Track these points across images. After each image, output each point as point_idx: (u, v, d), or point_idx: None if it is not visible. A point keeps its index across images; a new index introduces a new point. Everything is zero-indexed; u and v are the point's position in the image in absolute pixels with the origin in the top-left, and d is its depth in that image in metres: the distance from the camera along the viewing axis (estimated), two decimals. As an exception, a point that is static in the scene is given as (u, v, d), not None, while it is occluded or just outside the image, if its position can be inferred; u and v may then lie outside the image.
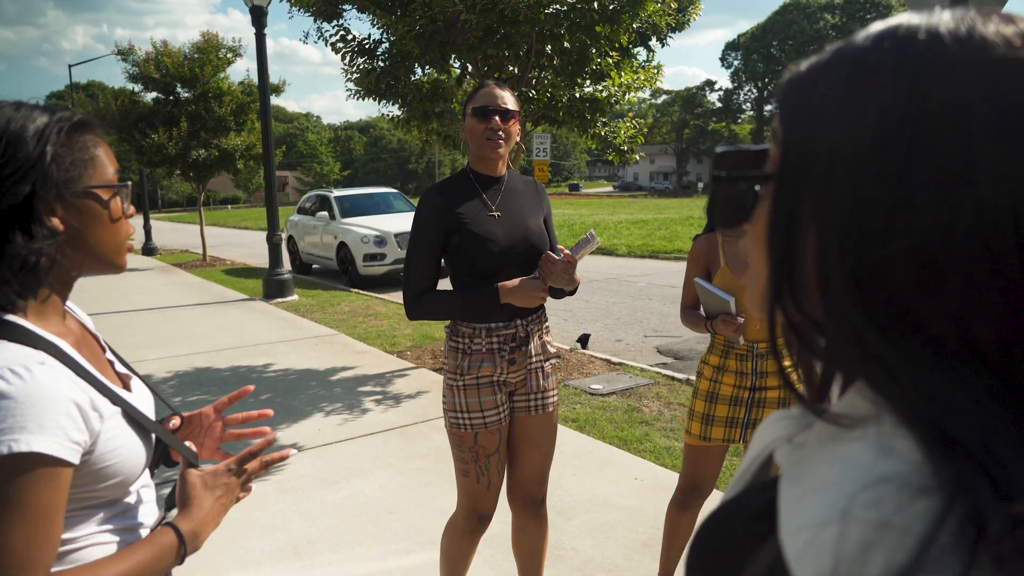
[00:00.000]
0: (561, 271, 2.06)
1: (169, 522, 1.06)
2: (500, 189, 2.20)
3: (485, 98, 2.11)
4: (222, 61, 14.10)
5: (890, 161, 0.38)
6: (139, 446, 1.09)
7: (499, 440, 2.17)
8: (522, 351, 2.16)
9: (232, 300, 10.00)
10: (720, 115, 70.37)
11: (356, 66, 6.34)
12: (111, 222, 1.07)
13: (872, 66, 0.40)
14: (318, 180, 62.49)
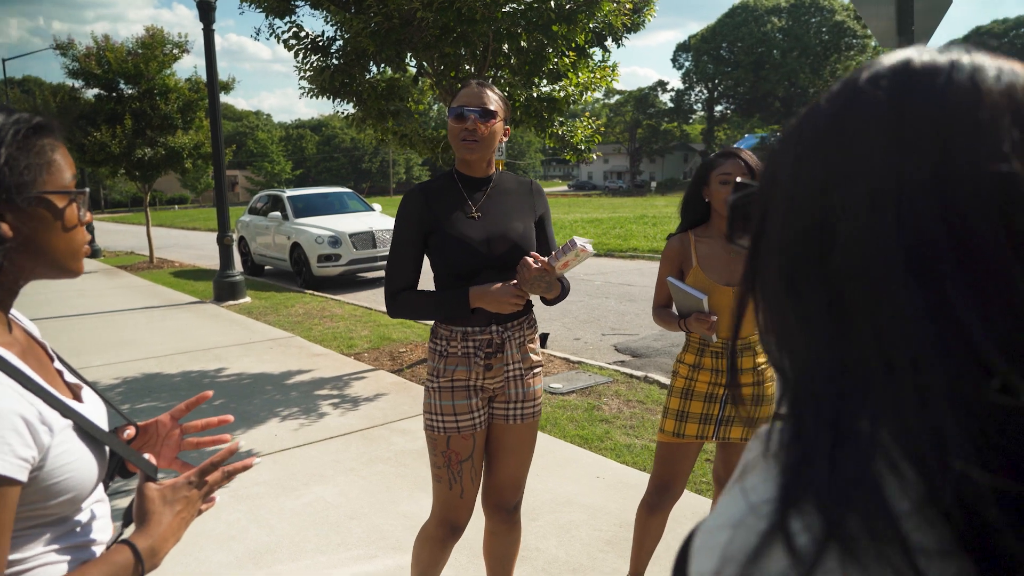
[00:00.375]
0: (537, 278, 2.00)
1: (125, 539, 1.01)
2: (486, 190, 2.16)
3: (464, 98, 2.08)
4: (168, 57, 13.70)
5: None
6: (92, 460, 1.04)
7: (472, 446, 2.14)
8: (498, 357, 2.13)
9: (181, 303, 9.72)
10: (672, 115, 71.41)
11: (309, 64, 6.22)
12: (65, 230, 1.03)
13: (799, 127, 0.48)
14: (269, 180, 61.31)
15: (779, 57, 64.36)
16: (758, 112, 69.40)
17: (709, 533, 0.42)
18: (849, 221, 0.40)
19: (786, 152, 0.47)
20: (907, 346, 0.37)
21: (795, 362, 0.44)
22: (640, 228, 18.87)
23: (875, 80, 0.43)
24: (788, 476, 0.39)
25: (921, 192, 0.38)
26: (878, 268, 0.39)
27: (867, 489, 0.37)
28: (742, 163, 2.22)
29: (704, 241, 2.34)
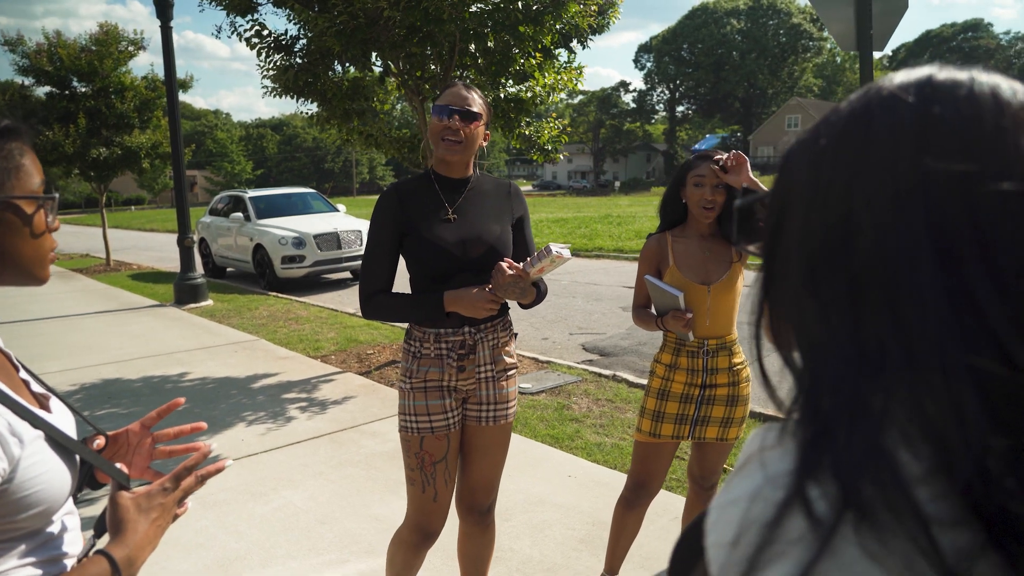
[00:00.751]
0: (510, 283, 2.00)
1: (101, 550, 0.99)
2: (463, 192, 2.14)
3: (449, 97, 2.07)
4: (123, 55, 13.37)
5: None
6: (63, 472, 1.01)
7: (447, 448, 2.12)
8: (470, 359, 2.12)
9: (141, 307, 9.50)
10: (635, 115, 72.09)
11: (272, 63, 6.13)
12: (33, 236, 1.01)
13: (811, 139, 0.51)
14: (229, 180, 60.17)
15: (738, 59, 65.46)
16: (719, 112, 70.49)
17: (725, 507, 0.44)
18: (875, 215, 0.43)
19: (805, 155, 0.49)
20: (930, 331, 0.39)
21: (812, 351, 0.46)
22: (605, 228, 19.01)
23: (902, 89, 0.46)
24: (806, 449, 0.41)
25: (947, 192, 0.41)
26: (903, 262, 0.41)
27: (881, 461, 0.39)
28: (716, 166, 2.26)
29: (681, 241, 2.37)
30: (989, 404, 0.37)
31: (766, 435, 0.55)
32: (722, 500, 0.45)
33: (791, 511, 0.39)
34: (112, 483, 1.08)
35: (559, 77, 6.07)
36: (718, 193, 2.26)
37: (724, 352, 2.37)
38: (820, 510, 0.39)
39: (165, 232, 26.47)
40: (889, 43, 3.76)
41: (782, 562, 0.38)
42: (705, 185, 2.27)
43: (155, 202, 62.34)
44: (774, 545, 0.39)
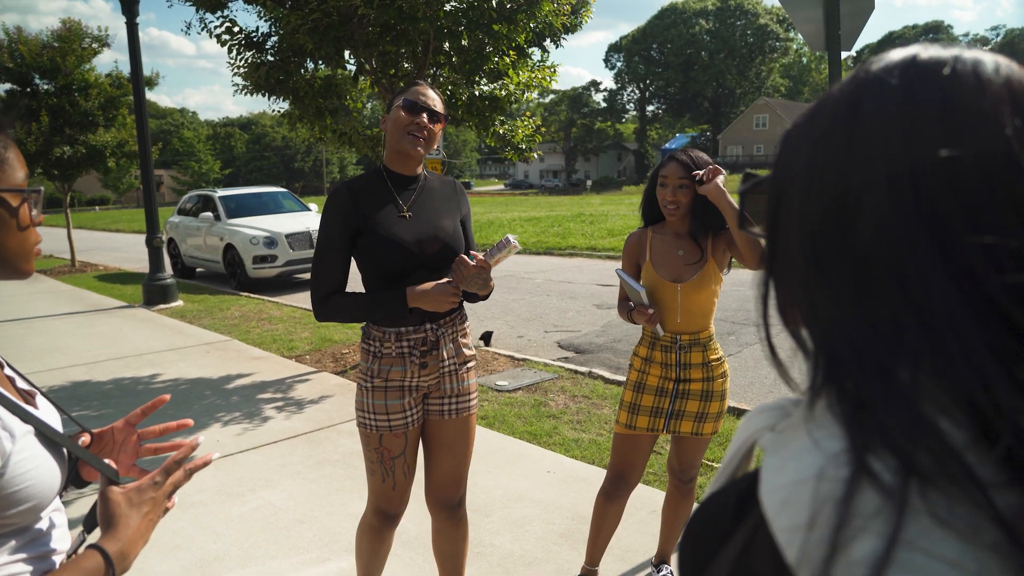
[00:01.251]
0: (474, 275, 2.03)
1: (94, 544, 0.98)
2: (415, 189, 2.15)
3: (416, 95, 2.09)
4: (87, 51, 13.09)
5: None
6: (53, 467, 1.01)
7: (404, 443, 2.15)
8: (433, 355, 2.13)
9: (109, 308, 9.32)
10: (605, 115, 72.52)
11: (244, 60, 6.07)
12: (19, 229, 1.01)
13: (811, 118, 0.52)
14: (197, 179, 59.15)
15: (707, 59, 66.21)
16: (688, 112, 71.20)
17: (788, 489, 0.43)
18: (870, 199, 0.44)
19: (801, 140, 0.51)
20: (939, 307, 0.41)
21: (827, 328, 0.47)
22: (578, 226, 19.10)
23: (887, 71, 0.47)
24: (851, 424, 0.42)
25: (933, 172, 0.42)
26: (903, 243, 0.43)
27: (927, 430, 0.40)
28: (679, 165, 2.30)
29: (659, 238, 2.42)
30: (1011, 371, 0.39)
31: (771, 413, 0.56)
32: (779, 481, 0.45)
33: (860, 486, 0.40)
34: (101, 479, 1.08)
35: (533, 75, 6.10)
36: (680, 193, 2.30)
37: (697, 348, 2.41)
38: (887, 480, 0.39)
39: (131, 232, 25.98)
40: (859, 43, 3.86)
41: (865, 537, 0.39)
42: (668, 185, 2.31)
43: (120, 202, 61.10)
44: (853, 521, 0.39)
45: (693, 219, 2.34)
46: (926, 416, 0.40)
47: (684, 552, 0.57)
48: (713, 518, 0.55)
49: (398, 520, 2.28)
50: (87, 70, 13.12)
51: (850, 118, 0.47)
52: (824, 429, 0.45)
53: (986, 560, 0.37)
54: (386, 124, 2.12)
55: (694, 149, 2.39)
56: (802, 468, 0.43)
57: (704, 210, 2.30)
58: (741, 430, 0.60)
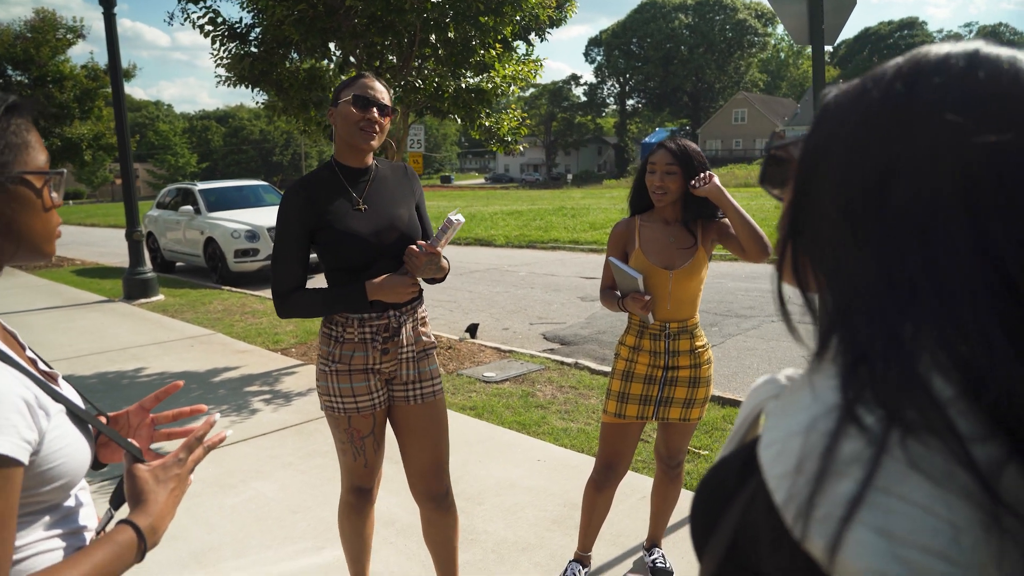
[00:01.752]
0: (426, 263, 2.09)
1: (126, 519, 1.02)
2: (368, 181, 2.18)
3: (365, 88, 2.10)
4: (61, 42, 12.95)
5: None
6: (84, 445, 1.04)
7: (373, 423, 2.21)
8: (394, 341, 2.16)
9: (89, 302, 9.21)
10: (586, 108, 72.62)
11: (227, 51, 6.02)
12: (43, 211, 1.03)
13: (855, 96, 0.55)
14: (173, 173, 58.42)
15: (686, 53, 66.52)
16: (668, 106, 71.53)
17: (780, 442, 0.48)
18: (914, 171, 0.48)
19: (849, 110, 0.54)
20: (958, 273, 0.45)
21: (846, 286, 0.51)
22: (560, 220, 19.16)
23: (949, 57, 0.51)
24: (847, 374, 0.46)
25: (981, 154, 0.46)
26: (936, 210, 0.47)
27: (917, 385, 0.43)
28: (668, 152, 2.35)
29: (648, 226, 2.45)
30: (1012, 336, 0.43)
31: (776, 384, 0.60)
32: (775, 436, 0.49)
33: (845, 436, 0.44)
34: (126, 456, 1.10)
35: (519, 69, 6.12)
36: (669, 180, 2.34)
37: (686, 335, 2.46)
38: (870, 424, 0.43)
39: (107, 227, 25.61)
40: (842, 36, 3.93)
41: (843, 480, 0.43)
42: (656, 172, 2.36)
43: (94, 196, 60.19)
44: (834, 466, 0.43)
45: (685, 207, 2.39)
46: (919, 371, 0.44)
47: (695, 513, 0.61)
48: (720, 480, 0.59)
49: (372, 495, 2.34)
50: (62, 61, 12.94)
51: (906, 95, 0.50)
52: (825, 380, 0.49)
53: (957, 505, 0.41)
54: (334, 118, 2.13)
55: (682, 138, 2.43)
56: (796, 422, 0.47)
57: (692, 195, 2.35)
58: (748, 400, 0.64)
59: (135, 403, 1.31)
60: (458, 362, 5.80)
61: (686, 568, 2.79)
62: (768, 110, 58.81)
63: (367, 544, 2.43)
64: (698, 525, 0.60)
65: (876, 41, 71.92)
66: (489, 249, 14.47)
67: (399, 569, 2.82)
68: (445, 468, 2.32)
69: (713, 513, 0.58)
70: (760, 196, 26.02)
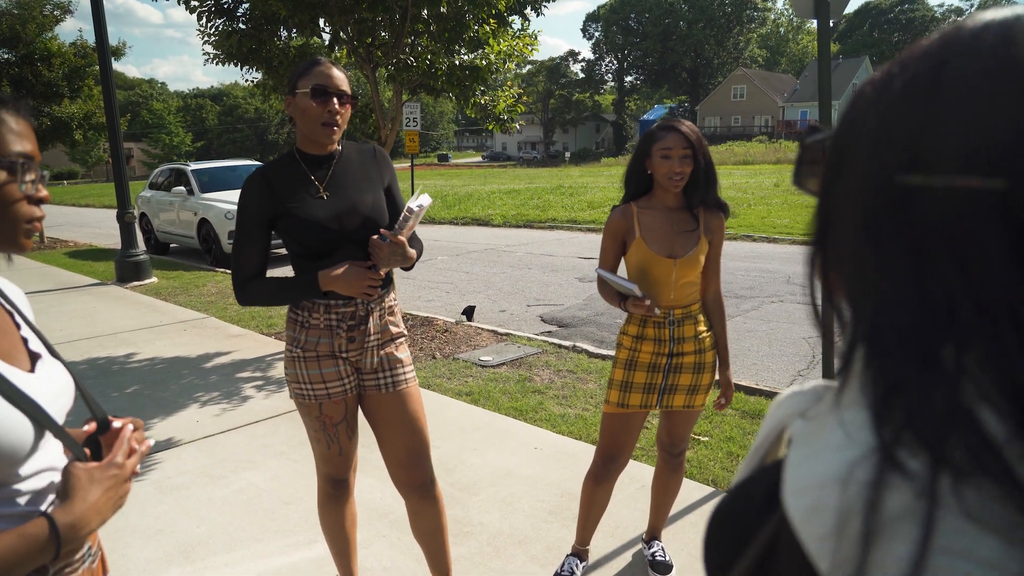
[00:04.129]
0: (390, 254, 2.03)
1: (44, 512, 0.97)
2: (331, 167, 2.12)
3: (322, 77, 2.00)
4: (48, 19, 12.67)
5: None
6: (17, 424, 0.97)
7: (345, 409, 2.17)
8: (360, 330, 2.11)
9: (81, 285, 9.10)
10: (584, 85, 71.96)
11: (214, 28, 5.86)
12: (10, 202, 0.98)
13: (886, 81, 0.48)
14: (167, 152, 57.95)
15: (685, 28, 65.78)
16: (666, 83, 70.91)
17: (813, 492, 0.41)
18: (941, 169, 0.41)
19: (875, 97, 0.47)
20: (999, 289, 0.38)
21: (872, 300, 0.45)
22: (557, 199, 19.01)
23: (981, 30, 0.43)
24: (880, 408, 0.40)
25: (1013, 148, 0.39)
26: (966, 217, 0.40)
27: (964, 420, 0.37)
28: (682, 136, 2.22)
29: (647, 212, 2.34)
30: None
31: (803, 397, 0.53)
32: (805, 482, 0.42)
33: (889, 487, 0.38)
34: (70, 458, 1.08)
35: (514, 44, 5.96)
36: (685, 164, 2.23)
37: (690, 321, 2.37)
38: (919, 477, 0.37)
39: (102, 207, 25.41)
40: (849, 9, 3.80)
41: (895, 542, 0.37)
42: (673, 157, 2.23)
43: (89, 176, 59.74)
44: (882, 526, 0.37)
45: (694, 191, 2.28)
46: (962, 403, 0.38)
47: (710, 542, 0.56)
48: (740, 511, 0.54)
49: (349, 485, 2.31)
50: (49, 39, 12.70)
51: (932, 79, 0.43)
52: (856, 413, 0.42)
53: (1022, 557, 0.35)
54: (291, 108, 2.05)
55: (677, 119, 2.32)
56: (829, 468, 0.41)
57: (703, 178, 2.24)
58: (771, 415, 0.58)
59: None
60: (454, 346, 5.72)
61: (686, 561, 2.73)
62: (767, 86, 58.28)
63: (350, 536, 2.38)
64: (713, 557, 0.55)
65: (877, 15, 71.15)
66: (486, 229, 14.35)
67: (392, 563, 2.75)
68: (425, 456, 2.25)
69: (730, 546, 0.52)
70: (759, 174, 25.88)
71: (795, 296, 7.36)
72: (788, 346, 5.70)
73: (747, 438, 3.77)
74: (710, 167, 2.26)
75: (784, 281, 8.07)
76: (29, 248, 1.04)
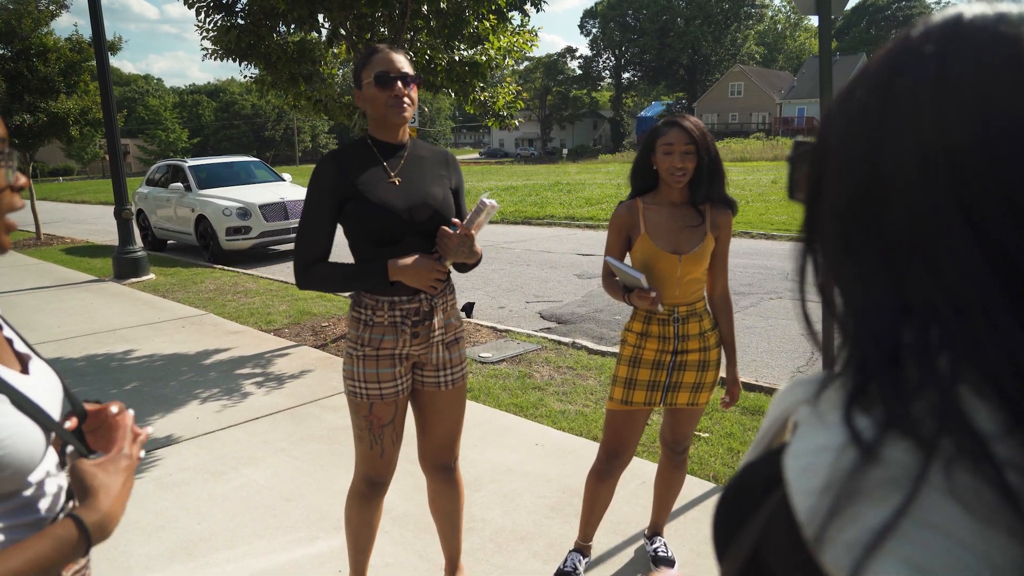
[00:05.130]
0: (458, 245, 2.03)
1: (71, 513, 0.95)
2: (403, 156, 2.13)
3: (383, 63, 2.02)
4: (44, 14, 12.58)
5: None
6: (33, 434, 0.96)
7: (395, 411, 2.17)
8: (425, 325, 2.12)
9: (78, 282, 9.07)
10: (581, 82, 71.82)
11: (212, 23, 5.83)
12: None
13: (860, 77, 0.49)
14: (164, 149, 57.78)
15: (683, 25, 65.69)
16: (664, 79, 70.83)
17: (810, 454, 0.43)
18: (901, 179, 0.42)
19: (838, 113, 0.49)
20: (971, 287, 0.40)
21: (856, 313, 0.46)
22: (555, 195, 18.99)
23: (924, 38, 0.44)
24: (883, 406, 0.42)
25: (967, 149, 0.40)
26: (933, 223, 0.41)
27: (954, 410, 0.39)
28: (684, 131, 2.22)
29: (652, 208, 2.33)
30: None
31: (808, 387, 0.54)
32: (804, 447, 0.44)
33: (881, 459, 0.40)
34: (71, 454, 1.06)
35: (513, 40, 5.94)
36: (688, 159, 2.22)
37: (694, 318, 2.37)
38: (909, 451, 0.39)
39: (98, 204, 25.32)
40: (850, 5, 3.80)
41: (875, 505, 0.39)
42: (675, 152, 2.22)
43: (85, 172, 59.53)
44: (866, 489, 0.39)
45: (698, 187, 2.27)
46: (954, 396, 0.40)
47: (717, 520, 0.58)
48: (745, 488, 0.56)
49: (385, 488, 2.29)
50: (45, 34, 12.61)
51: (883, 92, 0.44)
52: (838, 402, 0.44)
53: (998, 544, 0.37)
54: (361, 101, 2.07)
55: (682, 114, 2.32)
56: (830, 438, 0.43)
57: (707, 174, 2.23)
58: (777, 403, 0.59)
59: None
60: (454, 342, 5.71)
61: (688, 556, 2.73)
62: (765, 83, 58.26)
63: (372, 535, 2.38)
64: (720, 531, 0.57)
65: (874, 12, 71.12)
66: (485, 226, 14.31)
67: (394, 559, 2.75)
68: (457, 441, 2.35)
69: (735, 521, 0.55)
70: (756, 171, 25.88)
71: (794, 293, 7.36)
72: (787, 342, 5.70)
73: (748, 434, 3.78)
74: (715, 163, 2.26)
75: (782, 278, 8.08)
76: (8, 246, 1.00)
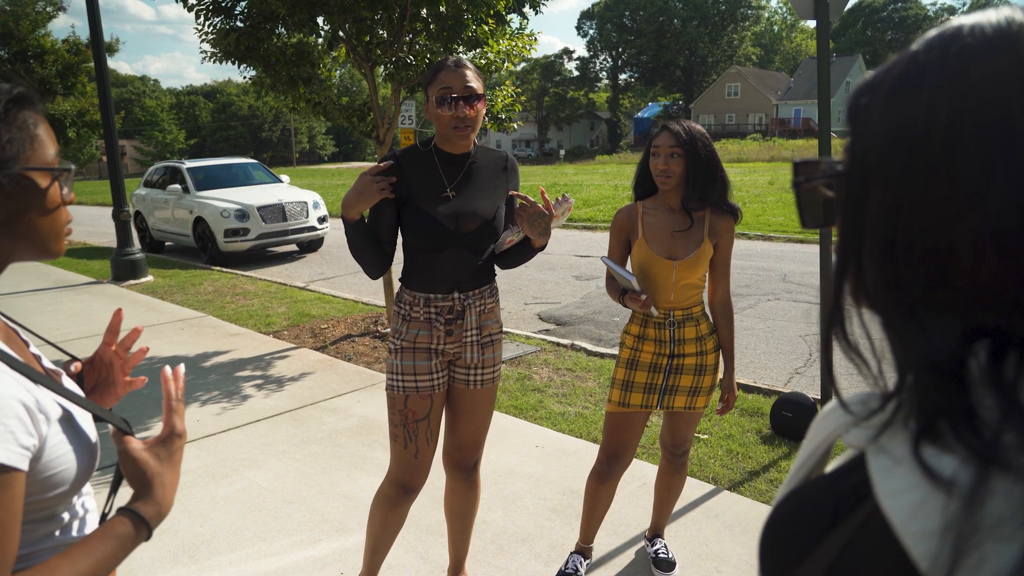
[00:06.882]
0: (537, 216, 2.08)
1: (129, 508, 0.95)
2: (463, 167, 2.18)
3: (447, 81, 2.05)
4: (41, 16, 12.62)
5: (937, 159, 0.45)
6: (86, 450, 0.98)
7: (430, 407, 2.19)
8: (458, 323, 2.18)
9: (77, 284, 9.06)
10: (578, 83, 71.90)
11: (212, 26, 5.84)
12: (48, 209, 0.97)
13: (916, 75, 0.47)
14: (161, 150, 57.73)
15: (679, 26, 65.82)
16: (661, 80, 70.95)
17: (912, 490, 0.42)
18: (952, 214, 0.43)
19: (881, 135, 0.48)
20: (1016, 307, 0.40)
21: (907, 336, 0.46)
22: (553, 197, 18.98)
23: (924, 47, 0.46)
24: (965, 437, 0.42)
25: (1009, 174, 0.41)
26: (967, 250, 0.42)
27: None
28: (671, 134, 2.25)
29: (652, 212, 2.36)
30: None
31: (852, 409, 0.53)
32: (900, 483, 0.43)
33: (991, 491, 0.39)
34: (115, 434, 1.03)
35: (512, 44, 5.96)
36: (673, 162, 2.24)
37: (691, 323, 2.38)
38: (1015, 490, 0.39)
39: (94, 205, 25.28)
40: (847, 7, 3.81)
41: (1002, 543, 0.38)
42: (660, 155, 2.26)
43: (81, 174, 59.43)
44: (987, 527, 0.39)
45: (687, 190, 2.28)
46: None
47: (769, 549, 0.56)
48: (806, 517, 0.54)
49: (414, 495, 2.28)
50: (42, 35, 12.63)
51: (951, 83, 0.44)
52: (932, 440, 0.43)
53: None
54: (427, 112, 2.12)
55: (685, 119, 2.33)
56: (918, 478, 0.43)
57: (696, 178, 2.24)
58: (816, 431, 0.58)
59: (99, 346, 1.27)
60: (453, 344, 5.73)
61: (688, 558, 2.75)
62: (761, 84, 58.37)
63: (392, 538, 2.38)
64: (774, 560, 0.55)
65: (870, 14, 71.28)
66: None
67: (396, 561, 2.76)
68: (482, 443, 2.38)
69: (797, 551, 0.53)
70: (753, 172, 25.92)
71: (791, 294, 7.39)
72: (785, 344, 5.73)
73: (746, 436, 3.80)
74: (709, 167, 2.26)
75: (780, 279, 8.10)
76: (64, 252, 1.04)
